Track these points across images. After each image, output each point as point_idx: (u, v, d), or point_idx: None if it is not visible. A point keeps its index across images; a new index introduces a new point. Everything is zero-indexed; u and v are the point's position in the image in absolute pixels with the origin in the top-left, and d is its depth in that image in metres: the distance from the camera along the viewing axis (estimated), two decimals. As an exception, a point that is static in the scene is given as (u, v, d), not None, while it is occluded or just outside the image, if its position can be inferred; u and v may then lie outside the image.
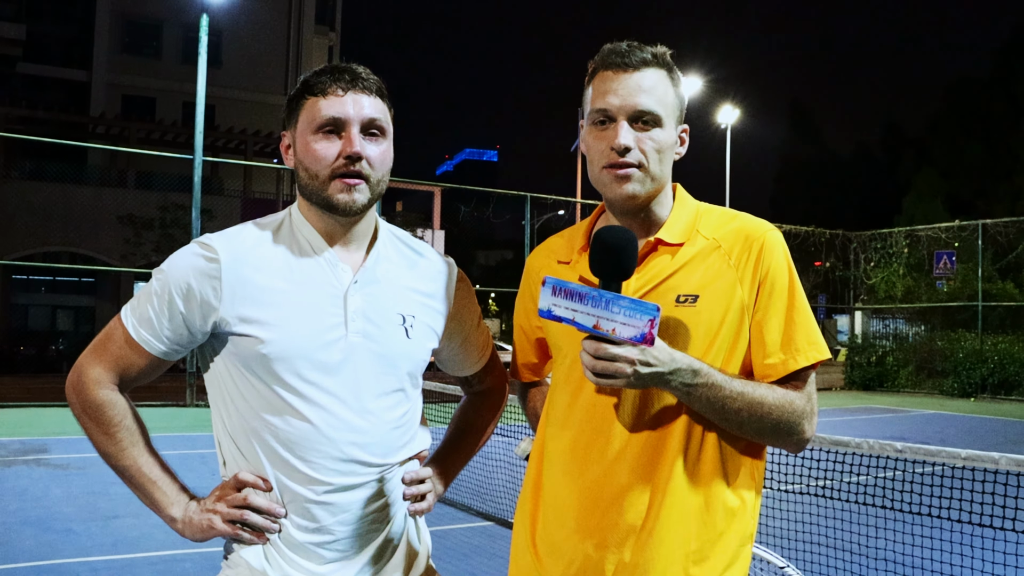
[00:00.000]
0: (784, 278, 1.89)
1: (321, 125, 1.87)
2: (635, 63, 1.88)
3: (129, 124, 35.23)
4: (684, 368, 1.75)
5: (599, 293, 1.70)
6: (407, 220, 35.64)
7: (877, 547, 5.91)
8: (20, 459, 10.98)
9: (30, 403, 18.02)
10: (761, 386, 1.83)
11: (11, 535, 7.05)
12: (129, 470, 1.92)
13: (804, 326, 1.87)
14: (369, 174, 1.88)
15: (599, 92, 1.91)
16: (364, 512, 1.90)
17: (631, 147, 1.87)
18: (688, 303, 1.85)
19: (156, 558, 6.47)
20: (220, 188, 34.82)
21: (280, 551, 1.86)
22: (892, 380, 27.78)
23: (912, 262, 29.74)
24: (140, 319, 1.89)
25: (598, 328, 1.69)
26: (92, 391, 1.90)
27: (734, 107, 37.68)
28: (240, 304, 1.84)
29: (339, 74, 1.90)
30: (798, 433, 1.86)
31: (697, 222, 1.95)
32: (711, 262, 1.88)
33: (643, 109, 1.87)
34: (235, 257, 1.86)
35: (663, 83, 1.90)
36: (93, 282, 35.10)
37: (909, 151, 51.65)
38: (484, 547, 6.98)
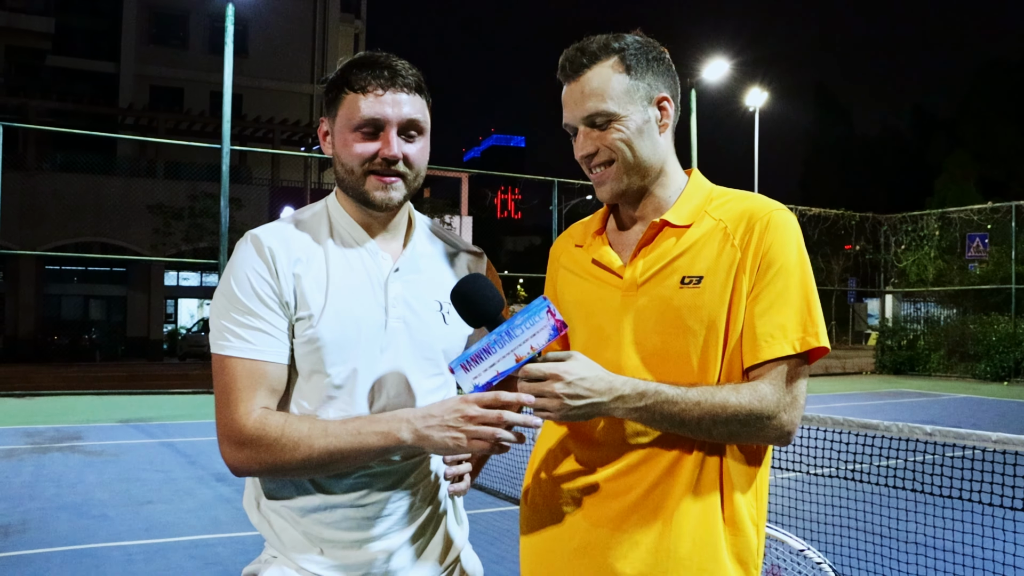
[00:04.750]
0: (783, 259, 1.83)
1: (359, 125, 1.88)
2: (574, 71, 1.92)
3: (157, 115, 35.46)
4: (628, 394, 1.75)
5: (497, 335, 1.74)
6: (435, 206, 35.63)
7: (907, 531, 5.88)
8: (55, 446, 11.12)
9: (64, 391, 18.25)
10: (722, 389, 1.78)
11: (48, 520, 7.15)
12: (332, 452, 1.78)
13: (794, 312, 1.81)
14: (406, 172, 1.91)
15: (563, 105, 1.97)
16: (409, 489, 1.92)
17: (593, 151, 1.92)
18: (692, 284, 1.85)
19: (188, 543, 6.54)
20: (248, 177, 35.02)
21: (323, 536, 1.88)
22: (923, 364, 27.55)
23: (944, 245, 29.43)
24: (248, 333, 1.83)
25: (520, 360, 1.72)
26: (243, 425, 1.80)
27: (762, 90, 37.38)
28: (296, 290, 1.86)
29: (379, 70, 1.89)
30: (774, 428, 1.79)
31: (707, 204, 1.94)
32: (716, 243, 1.87)
33: (591, 114, 1.90)
34: (284, 246, 1.88)
35: (607, 76, 1.89)
36: (124, 272, 35.40)
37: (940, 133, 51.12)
38: (513, 531, 7.00)
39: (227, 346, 1.83)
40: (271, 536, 1.92)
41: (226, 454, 1.82)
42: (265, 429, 1.78)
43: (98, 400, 17.14)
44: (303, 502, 1.88)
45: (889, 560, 5.58)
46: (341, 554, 1.88)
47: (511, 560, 6.16)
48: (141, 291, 35.19)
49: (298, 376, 1.89)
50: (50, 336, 33.14)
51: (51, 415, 14.45)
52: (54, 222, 29.69)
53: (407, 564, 1.94)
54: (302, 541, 1.88)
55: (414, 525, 1.94)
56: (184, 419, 14.14)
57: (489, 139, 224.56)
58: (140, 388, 19.12)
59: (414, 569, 1.95)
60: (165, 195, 31.04)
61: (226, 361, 1.82)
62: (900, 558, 5.54)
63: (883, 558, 5.64)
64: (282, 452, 1.77)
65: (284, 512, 1.90)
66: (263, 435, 1.78)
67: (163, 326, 36.49)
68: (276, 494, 1.91)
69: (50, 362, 28.58)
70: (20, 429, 12.69)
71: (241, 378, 1.81)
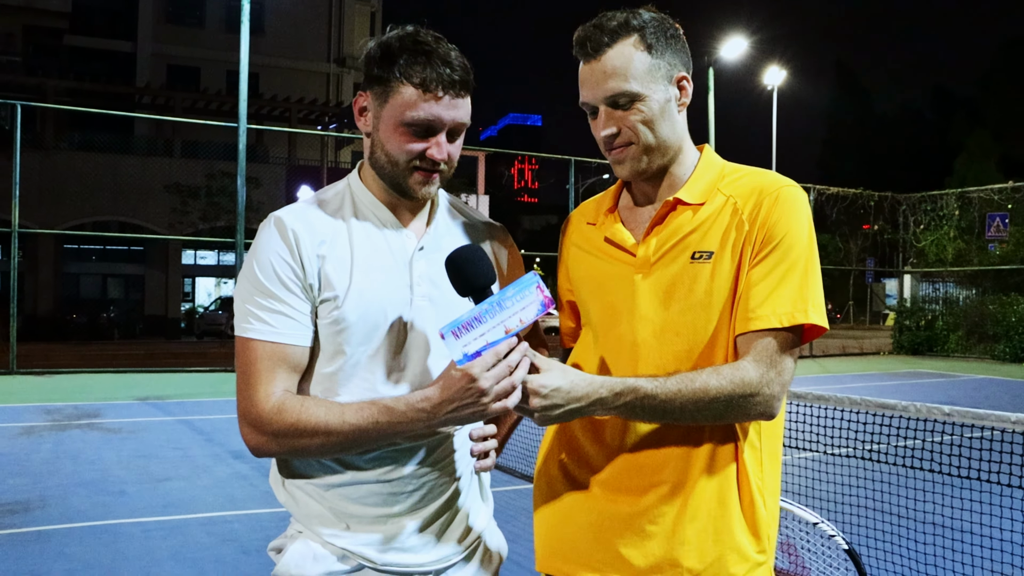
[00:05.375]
0: (786, 233, 1.82)
1: (414, 123, 1.85)
2: (595, 49, 1.87)
3: (174, 94, 35.58)
4: (605, 396, 1.74)
5: (488, 304, 1.72)
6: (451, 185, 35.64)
7: (925, 511, 5.86)
8: (74, 423, 11.21)
9: (83, 369, 18.38)
10: (702, 373, 1.77)
11: (67, 496, 7.21)
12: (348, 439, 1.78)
13: (788, 287, 1.80)
14: (444, 169, 1.92)
15: (580, 84, 1.93)
16: (435, 465, 1.92)
17: (616, 132, 1.88)
18: (703, 259, 1.85)
19: (206, 519, 6.58)
20: (265, 156, 35.11)
21: (348, 511, 1.89)
22: (942, 345, 27.41)
23: (963, 224, 29.20)
24: (270, 316, 1.84)
25: (508, 331, 1.71)
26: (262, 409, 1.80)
27: (780, 68, 37.14)
28: (320, 272, 1.86)
29: (439, 67, 1.83)
30: (756, 405, 1.78)
31: (720, 181, 1.93)
32: (725, 218, 1.87)
33: (614, 94, 1.86)
34: (307, 227, 1.88)
35: (629, 55, 1.86)
36: (142, 250, 35.61)
37: (960, 112, 50.76)
38: (529, 509, 7.00)
39: (249, 329, 1.84)
40: (296, 511, 1.93)
41: (246, 435, 1.83)
42: (282, 413, 1.78)
43: (116, 378, 17.25)
44: (329, 478, 1.89)
45: (906, 540, 5.56)
46: (366, 529, 1.89)
47: (527, 538, 6.17)
48: (159, 270, 35.39)
49: (321, 354, 1.88)
50: (69, 314, 33.41)
51: (70, 393, 14.56)
52: (72, 201, 29.87)
53: (432, 539, 1.94)
54: (328, 516, 1.89)
55: (439, 501, 1.94)
56: (201, 397, 14.21)
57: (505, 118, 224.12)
58: (158, 366, 19.24)
59: (439, 545, 1.96)
60: (182, 174, 31.18)
61: (248, 344, 1.83)
62: (917, 539, 5.53)
63: (900, 538, 5.62)
64: (299, 437, 1.78)
65: (309, 488, 1.91)
66: (281, 419, 1.78)
67: (180, 304, 36.71)
68: (302, 470, 1.91)
69: (69, 340, 28.85)
70: (39, 406, 12.79)
71: (262, 360, 1.82)
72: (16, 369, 17.07)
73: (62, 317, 32.83)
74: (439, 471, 1.94)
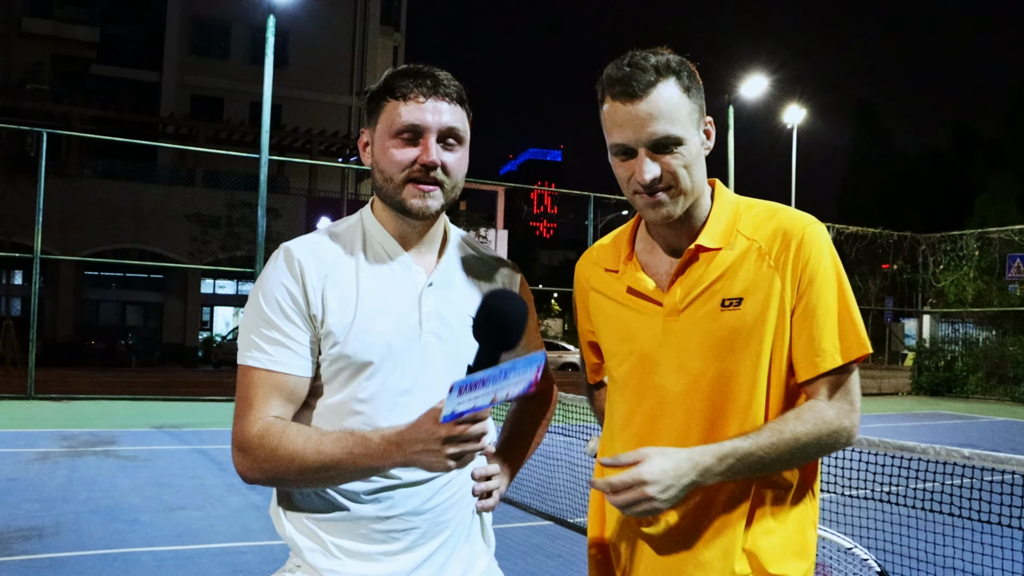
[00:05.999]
0: (822, 273, 1.85)
1: (400, 131, 1.88)
2: (640, 89, 1.80)
3: (197, 124, 35.92)
4: (711, 464, 1.76)
5: (500, 371, 1.65)
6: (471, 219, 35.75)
7: (945, 555, 5.78)
8: (90, 450, 11.22)
9: (100, 395, 18.43)
10: (787, 422, 1.81)
11: (81, 523, 7.20)
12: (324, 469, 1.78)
13: (839, 323, 1.84)
14: (444, 181, 1.91)
15: (612, 123, 1.85)
16: (435, 504, 1.90)
17: (656, 176, 1.83)
18: (733, 307, 1.85)
19: (219, 549, 6.56)
20: (286, 187, 35.31)
21: (346, 547, 1.87)
22: (961, 386, 27.17)
23: (983, 265, 29.02)
24: (269, 346, 1.85)
25: (494, 401, 1.67)
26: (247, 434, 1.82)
27: (800, 107, 37.18)
28: (324, 304, 1.86)
29: (421, 79, 1.90)
30: (841, 438, 1.86)
31: (736, 221, 1.92)
32: (752, 263, 1.87)
33: (660, 137, 1.81)
34: (315, 262, 1.89)
35: (674, 97, 1.82)
36: (162, 278, 35.79)
37: (981, 152, 50.62)
38: (543, 546, 6.97)
39: (248, 357, 1.86)
40: (295, 545, 1.92)
41: (234, 460, 1.86)
42: (264, 438, 1.79)
43: (133, 405, 17.28)
44: (328, 513, 1.88)
45: (925, 585, 5.49)
46: (364, 566, 1.87)
47: (540, 574, 6.13)
48: (178, 298, 35.55)
49: (326, 388, 1.89)
50: (87, 341, 33.58)
51: (86, 419, 14.58)
52: (94, 228, 30.08)
53: None
54: (326, 550, 1.88)
55: (438, 539, 1.93)
56: (217, 426, 14.21)
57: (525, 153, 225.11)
58: (174, 394, 19.27)
59: None
60: (203, 203, 31.38)
61: (247, 371, 1.86)
62: (936, 583, 5.45)
63: (918, 583, 5.55)
64: (278, 463, 1.78)
65: (309, 521, 1.90)
66: (262, 444, 1.79)
67: (198, 333, 36.82)
68: (301, 503, 1.91)
69: (87, 366, 28.94)
70: (56, 432, 12.82)
71: (256, 387, 1.84)
72: (34, 394, 17.13)
73: (81, 343, 32.99)
74: (439, 510, 1.92)
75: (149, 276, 36.35)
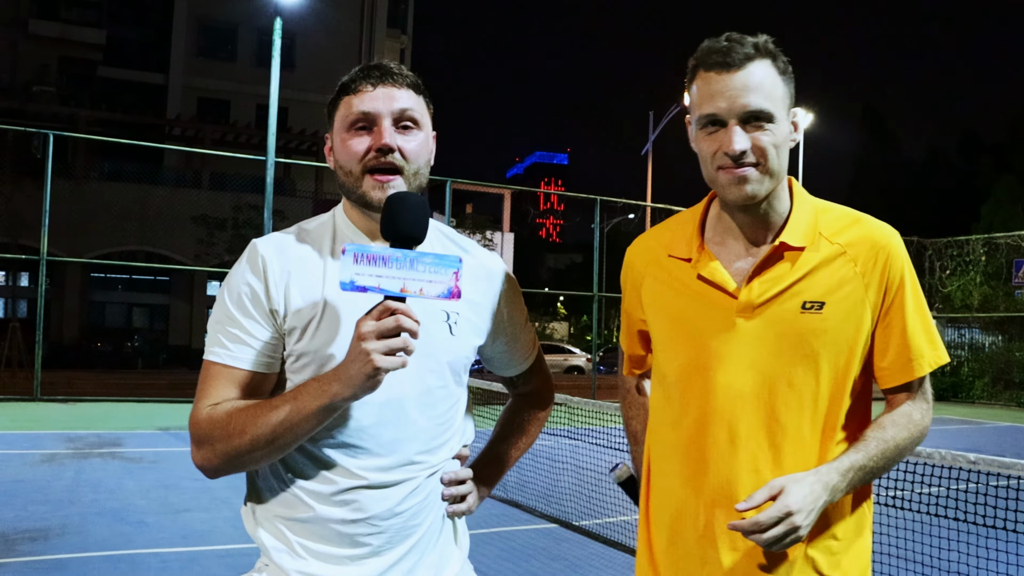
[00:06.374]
0: (911, 284, 1.89)
1: (354, 121, 1.88)
2: (738, 60, 1.79)
3: (204, 126, 35.98)
4: (837, 481, 1.77)
5: (403, 253, 1.67)
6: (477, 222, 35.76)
7: (949, 559, 5.78)
8: (96, 452, 11.24)
9: (106, 397, 18.46)
10: (886, 429, 1.85)
11: (87, 525, 7.22)
12: (275, 425, 1.76)
13: (927, 332, 1.89)
14: (403, 166, 1.87)
15: (704, 95, 1.83)
16: (403, 508, 1.88)
17: (746, 149, 1.80)
18: (814, 310, 1.83)
19: (224, 551, 6.57)
20: (292, 189, 35.35)
21: (313, 548, 1.86)
22: (967, 391, 27.14)
23: (990, 270, 29.00)
24: (229, 341, 1.87)
25: (405, 291, 1.67)
26: (197, 421, 1.84)
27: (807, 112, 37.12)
28: (286, 301, 1.86)
29: (370, 71, 1.91)
30: (922, 441, 1.94)
31: (818, 223, 1.90)
32: (836, 268, 1.85)
33: (754, 109, 1.79)
34: (279, 257, 1.89)
35: (770, 75, 1.81)
36: (168, 281, 35.85)
37: (987, 157, 50.53)
38: (548, 549, 6.96)
39: (210, 352, 1.88)
40: (262, 544, 1.91)
41: (191, 453, 1.87)
42: (212, 419, 1.81)
43: (139, 407, 17.31)
44: (296, 512, 1.87)
45: (930, 590, 5.48)
46: (332, 568, 1.86)
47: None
48: (184, 300, 35.60)
49: (294, 383, 1.88)
50: (93, 343, 33.60)
51: (92, 421, 14.61)
52: (100, 230, 30.13)
53: None
54: (294, 551, 1.87)
55: (407, 543, 1.90)
56: None
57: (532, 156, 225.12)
58: (180, 396, 19.28)
59: None
60: (209, 206, 31.42)
61: (207, 365, 1.88)
62: (941, 588, 5.45)
63: (924, 588, 5.55)
64: (230, 437, 1.79)
65: (277, 522, 1.89)
66: (212, 424, 1.81)
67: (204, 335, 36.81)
68: (270, 505, 1.91)
69: (93, 368, 28.98)
70: (62, 434, 12.85)
71: (213, 380, 1.86)
72: (40, 396, 17.17)
73: (87, 345, 33.02)
74: (408, 514, 1.89)
75: (155, 278, 36.41)
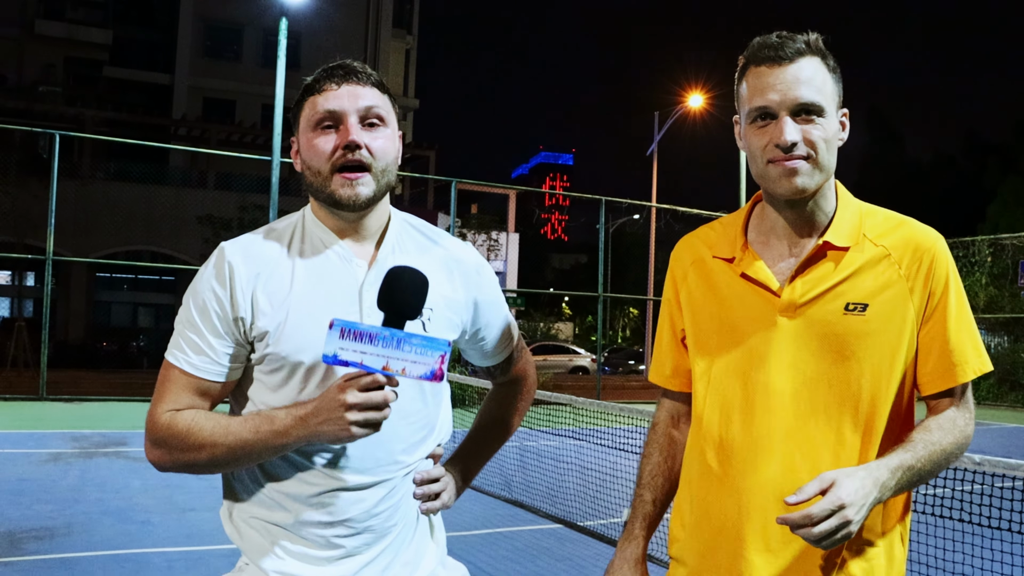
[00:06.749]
0: (955, 289, 1.87)
1: (320, 120, 1.87)
2: (790, 55, 1.82)
3: (209, 126, 36.00)
4: (887, 479, 1.73)
5: (391, 332, 1.67)
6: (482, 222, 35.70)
7: (955, 561, 5.77)
8: (101, 451, 11.27)
9: (111, 397, 18.48)
10: (933, 433, 1.83)
11: (92, 524, 7.23)
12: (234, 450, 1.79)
13: (971, 339, 1.88)
14: (371, 163, 1.87)
15: (755, 89, 1.85)
16: (379, 509, 1.89)
17: (797, 141, 1.81)
18: (857, 311, 1.82)
19: (229, 551, 6.58)
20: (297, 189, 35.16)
21: (291, 548, 1.87)
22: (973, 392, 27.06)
23: (996, 271, 28.94)
24: (191, 349, 1.86)
25: (387, 369, 1.67)
26: (156, 424, 1.85)
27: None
28: (254, 306, 1.85)
29: (334, 70, 1.91)
30: (967, 447, 1.91)
31: (862, 225, 1.90)
32: (880, 270, 1.85)
33: (805, 101, 1.81)
34: (246, 263, 1.88)
35: (820, 71, 1.83)
36: (173, 280, 35.88)
37: (994, 158, 50.39)
38: (552, 549, 6.96)
39: (170, 353, 1.89)
40: (242, 545, 1.92)
41: (145, 448, 1.88)
42: (172, 428, 1.82)
43: (144, 407, 17.26)
44: (273, 515, 1.88)
45: (935, 591, 5.47)
46: (309, 568, 1.87)
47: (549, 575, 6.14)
48: (189, 300, 35.62)
49: (265, 388, 1.88)
50: (99, 342, 33.65)
51: (98, 420, 14.65)
52: (106, 230, 30.17)
53: None
54: (272, 552, 1.88)
55: (382, 544, 1.91)
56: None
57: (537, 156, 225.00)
58: (185, 396, 19.30)
59: None
60: (215, 206, 31.43)
61: (167, 365, 1.88)
62: (946, 589, 5.44)
63: (928, 589, 5.54)
64: (188, 450, 1.81)
65: (255, 523, 1.90)
66: (170, 433, 1.82)
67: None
68: (247, 506, 1.91)
69: (98, 368, 29.01)
70: (67, 433, 12.88)
71: (171, 383, 1.87)
72: (46, 395, 17.21)
73: (92, 345, 33.07)
74: (384, 516, 1.90)
75: (161, 278, 36.46)
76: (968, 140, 57.50)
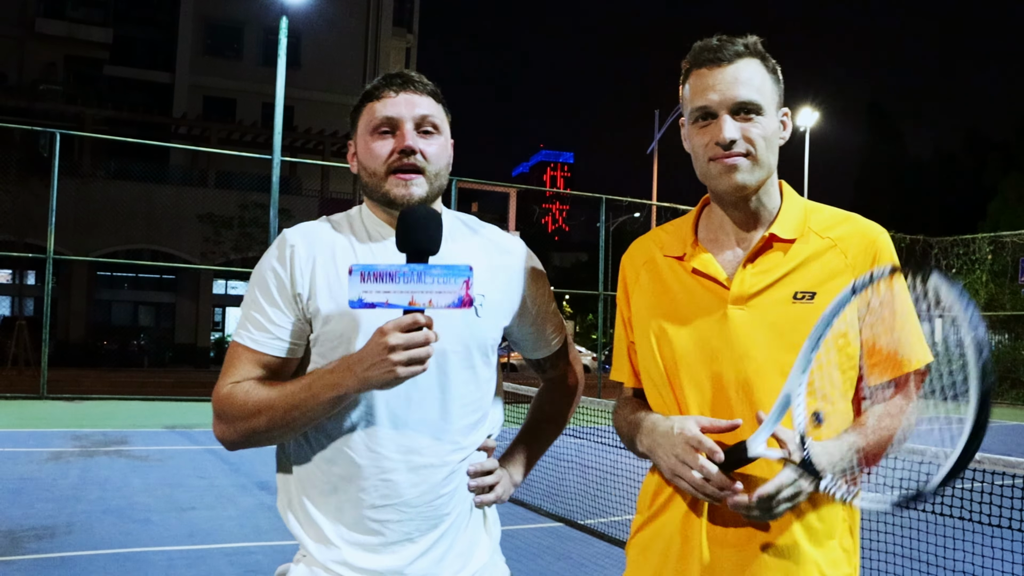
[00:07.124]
0: (899, 281, 1.86)
1: (377, 126, 1.98)
2: (729, 56, 1.88)
3: (210, 125, 36.02)
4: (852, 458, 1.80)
5: (410, 267, 1.73)
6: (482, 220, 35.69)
7: (955, 559, 5.77)
8: (102, 450, 11.27)
9: (112, 396, 18.50)
10: (883, 419, 1.86)
11: (93, 523, 7.24)
12: (290, 409, 1.86)
13: (914, 330, 1.89)
14: (425, 167, 1.96)
15: (697, 90, 1.91)
16: (430, 499, 1.93)
17: (736, 139, 1.87)
18: (805, 300, 1.86)
19: (229, 549, 6.59)
20: (298, 188, 35.39)
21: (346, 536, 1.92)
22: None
23: (996, 269, 28.94)
24: (253, 326, 1.95)
25: (413, 303, 1.71)
26: (218, 397, 1.94)
27: (813, 109, 37.07)
28: (312, 285, 1.93)
29: (393, 78, 2.02)
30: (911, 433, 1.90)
31: (808, 219, 1.95)
32: (827, 260, 1.90)
33: (743, 100, 1.87)
34: (306, 244, 1.97)
35: (759, 72, 1.90)
36: (174, 279, 35.89)
37: (995, 155, 50.36)
38: (553, 547, 6.97)
39: (237, 333, 1.98)
40: (299, 535, 1.97)
41: (212, 425, 1.98)
42: (231, 398, 1.91)
43: (144, 405, 17.35)
44: (328, 501, 1.93)
45: (935, 589, 5.47)
46: (364, 556, 1.91)
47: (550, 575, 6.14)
48: (190, 299, 35.64)
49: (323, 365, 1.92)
50: (100, 341, 33.69)
51: (98, 419, 14.65)
52: (107, 229, 30.21)
53: (429, 569, 1.94)
54: (328, 542, 1.93)
55: (436, 532, 1.94)
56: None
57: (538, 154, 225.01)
58: (186, 395, 19.34)
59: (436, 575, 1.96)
60: (215, 204, 31.46)
61: (234, 345, 1.99)
62: (946, 587, 5.44)
63: (929, 587, 5.54)
64: (247, 417, 1.89)
65: (312, 512, 1.95)
66: (230, 403, 1.91)
67: (210, 334, 36.91)
68: (304, 495, 1.96)
69: (99, 367, 29.07)
70: (68, 432, 12.88)
71: (237, 359, 1.96)
72: (46, 394, 17.22)
73: (93, 344, 33.11)
74: (438, 503, 1.94)
75: (161, 277, 36.46)
76: (969, 137, 57.46)
